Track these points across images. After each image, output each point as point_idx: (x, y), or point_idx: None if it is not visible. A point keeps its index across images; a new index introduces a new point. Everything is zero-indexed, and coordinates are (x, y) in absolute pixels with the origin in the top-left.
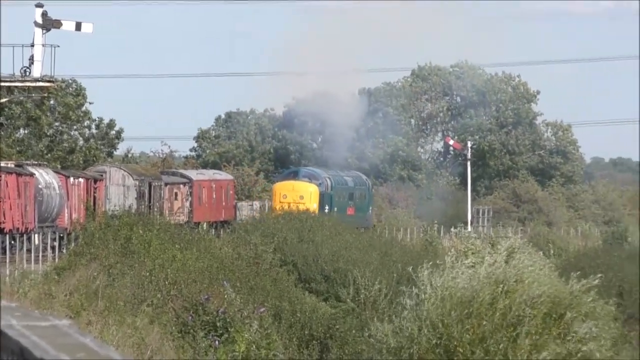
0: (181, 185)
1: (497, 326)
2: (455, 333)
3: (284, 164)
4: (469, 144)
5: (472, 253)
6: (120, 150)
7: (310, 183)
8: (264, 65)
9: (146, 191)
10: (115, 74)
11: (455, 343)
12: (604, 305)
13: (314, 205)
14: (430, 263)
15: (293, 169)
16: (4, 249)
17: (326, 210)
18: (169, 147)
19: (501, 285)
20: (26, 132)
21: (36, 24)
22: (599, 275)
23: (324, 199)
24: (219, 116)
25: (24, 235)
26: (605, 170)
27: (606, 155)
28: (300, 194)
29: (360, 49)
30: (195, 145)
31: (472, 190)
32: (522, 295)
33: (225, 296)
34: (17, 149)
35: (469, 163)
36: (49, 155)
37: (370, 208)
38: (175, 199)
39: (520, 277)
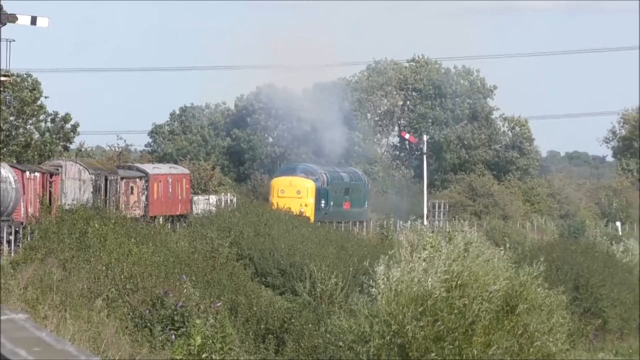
0: (137, 180)
1: (452, 323)
2: (409, 331)
3: (239, 159)
4: (425, 138)
5: (431, 247)
6: (76, 144)
7: (307, 179)
8: (219, 59)
9: (102, 185)
10: (70, 67)
11: (409, 340)
12: (556, 295)
13: (310, 200)
14: (387, 257)
15: (291, 165)
16: None
17: (322, 205)
18: (125, 141)
19: (455, 280)
20: None
21: None
22: (550, 264)
23: (320, 194)
24: (174, 111)
25: None
26: (561, 164)
27: (562, 149)
28: (297, 189)
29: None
30: (150, 140)
31: (428, 184)
32: (477, 290)
33: (184, 290)
34: None
35: (424, 157)
36: (5, 149)
37: (366, 203)
38: (132, 193)
39: (475, 271)
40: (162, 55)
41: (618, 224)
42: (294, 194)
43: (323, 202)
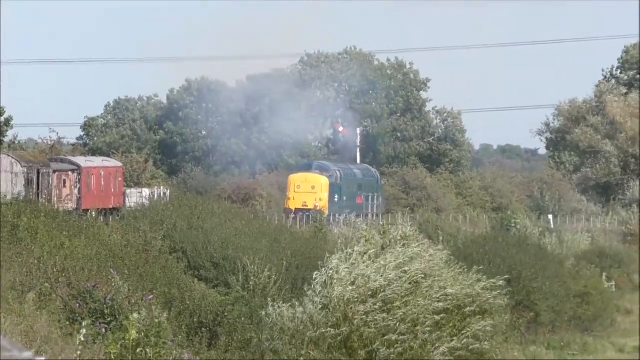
0: (70, 173)
1: (397, 320)
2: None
3: (172, 152)
4: (358, 131)
5: (366, 240)
6: (9, 137)
7: (322, 175)
8: (152, 51)
9: (35, 178)
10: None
11: (353, 332)
12: (500, 298)
13: (324, 195)
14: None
15: (307, 163)
16: None
17: (336, 199)
18: (57, 134)
19: (407, 281)
20: None
21: None
22: (506, 277)
23: (333, 189)
24: (109, 103)
25: None
26: (494, 157)
27: (495, 143)
28: (312, 185)
29: (249, 36)
30: (83, 133)
31: None
32: (428, 291)
33: (113, 284)
34: None
35: (358, 150)
36: None
37: (380, 197)
38: (64, 186)
39: (426, 272)
40: (97, 48)
41: (550, 216)
42: (309, 189)
43: (337, 196)
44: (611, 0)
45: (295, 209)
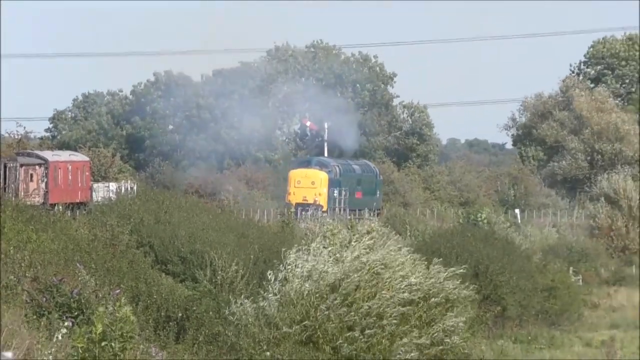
0: (37, 167)
1: (362, 315)
2: (319, 318)
3: (139, 147)
4: (326, 125)
5: (332, 234)
6: None
7: (321, 170)
8: (119, 45)
9: (1, 172)
10: None
11: (317, 328)
12: (466, 291)
13: (323, 190)
14: (298, 247)
15: (306, 159)
16: None
17: (335, 194)
18: (24, 128)
19: (367, 272)
20: None
21: None
22: (464, 266)
23: (332, 184)
24: (76, 97)
25: None
26: (461, 151)
27: (462, 137)
28: (312, 180)
29: (215, 30)
30: (51, 126)
31: None
32: (389, 283)
33: (80, 278)
34: None
35: (325, 144)
36: None
37: (378, 192)
38: (31, 180)
39: (387, 263)
40: (62, 40)
41: (517, 211)
42: (309, 184)
43: (336, 191)
44: None
45: (296, 203)
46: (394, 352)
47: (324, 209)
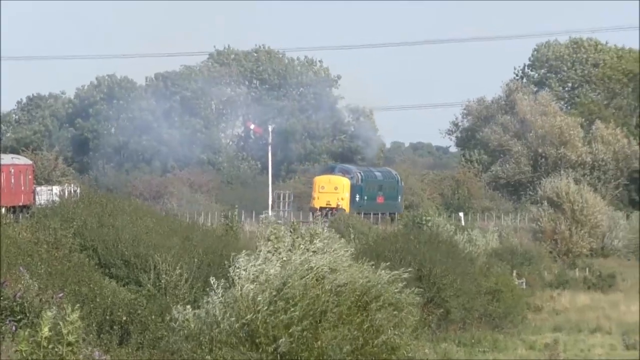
0: None
1: (303, 310)
2: (260, 317)
3: (83, 149)
4: (270, 128)
5: (275, 237)
6: None
7: (344, 177)
8: (64, 48)
9: None
10: None
11: (259, 325)
12: (410, 294)
13: (346, 195)
14: (246, 251)
15: (330, 165)
16: None
17: (357, 199)
18: None
19: (313, 273)
20: None
21: None
22: (409, 269)
23: (355, 189)
24: (21, 99)
25: None
26: (405, 154)
27: (406, 140)
28: (335, 186)
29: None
30: None
31: (274, 174)
32: (332, 283)
33: (23, 281)
34: None
35: (269, 147)
36: None
37: (400, 197)
38: None
39: (333, 265)
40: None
41: (461, 214)
42: (332, 189)
43: (358, 196)
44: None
45: (320, 207)
46: (327, 348)
47: (347, 212)
